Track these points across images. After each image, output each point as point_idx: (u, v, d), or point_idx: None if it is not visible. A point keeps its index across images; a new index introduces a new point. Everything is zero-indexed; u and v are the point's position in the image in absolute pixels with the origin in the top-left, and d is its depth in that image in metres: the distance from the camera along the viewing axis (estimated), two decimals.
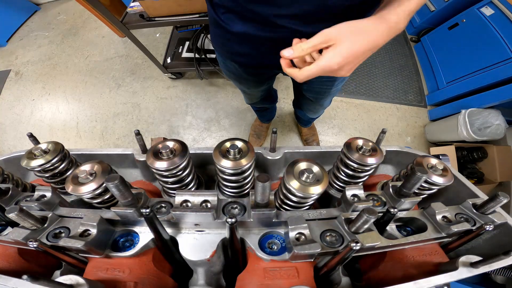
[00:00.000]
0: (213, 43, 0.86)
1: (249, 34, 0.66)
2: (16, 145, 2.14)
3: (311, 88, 0.98)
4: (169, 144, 0.46)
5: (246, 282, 0.38)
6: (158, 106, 2.22)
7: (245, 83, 1.02)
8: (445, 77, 2.00)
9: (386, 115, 2.13)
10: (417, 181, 0.39)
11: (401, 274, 0.40)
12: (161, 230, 0.38)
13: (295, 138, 2.05)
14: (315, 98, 1.07)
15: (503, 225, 0.44)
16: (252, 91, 1.14)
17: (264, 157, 0.57)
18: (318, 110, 1.31)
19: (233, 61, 0.85)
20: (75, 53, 2.60)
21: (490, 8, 1.69)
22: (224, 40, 0.76)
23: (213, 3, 0.69)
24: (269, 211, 0.38)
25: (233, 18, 0.66)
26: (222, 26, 0.69)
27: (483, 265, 0.35)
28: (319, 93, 1.00)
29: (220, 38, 0.78)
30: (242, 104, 2.17)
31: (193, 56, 2.00)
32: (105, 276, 0.36)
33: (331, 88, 0.94)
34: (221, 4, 0.65)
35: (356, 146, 0.50)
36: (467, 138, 1.67)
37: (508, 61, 1.52)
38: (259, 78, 0.97)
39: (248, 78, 0.95)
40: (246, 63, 0.83)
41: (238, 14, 0.63)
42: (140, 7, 1.58)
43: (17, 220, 0.34)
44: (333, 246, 0.37)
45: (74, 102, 2.30)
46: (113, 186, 0.33)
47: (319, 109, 1.30)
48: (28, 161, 0.46)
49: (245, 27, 0.65)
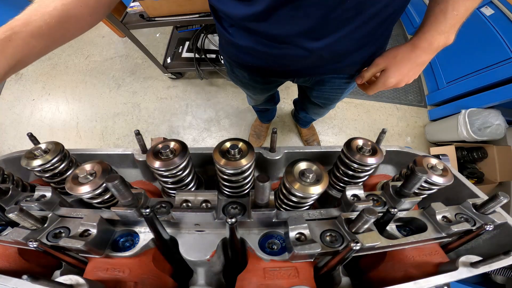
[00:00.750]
0: (220, 51, 0.85)
1: (255, 49, 0.66)
2: (16, 145, 2.14)
3: (320, 95, 0.98)
4: (169, 144, 0.46)
5: (246, 282, 0.38)
6: (158, 106, 2.22)
7: (252, 90, 1.01)
8: (445, 77, 2.00)
9: (386, 115, 2.13)
10: (417, 181, 0.39)
11: (401, 274, 0.40)
12: (161, 230, 0.38)
13: (295, 138, 2.05)
14: (324, 104, 1.07)
15: (503, 225, 0.44)
16: (258, 97, 1.14)
17: (264, 157, 0.57)
18: (324, 113, 1.32)
19: (241, 69, 0.84)
20: (75, 53, 2.60)
21: (490, 8, 1.69)
22: (232, 49, 0.75)
23: (218, 16, 0.67)
24: (269, 211, 0.38)
25: (239, 32, 0.65)
26: (229, 38, 0.68)
27: (483, 265, 0.35)
28: (328, 99, 1.00)
29: (228, 48, 0.77)
30: (242, 104, 2.17)
31: (193, 56, 2.00)
32: (105, 276, 0.36)
33: (342, 95, 0.94)
34: (226, 18, 0.64)
35: (356, 146, 0.50)
36: (467, 138, 1.67)
37: (508, 61, 1.52)
38: (267, 86, 0.97)
39: (256, 86, 0.95)
40: (255, 72, 0.83)
41: (243, 28, 0.62)
42: (140, 7, 1.58)
43: (17, 220, 0.34)
44: (333, 246, 0.37)
45: (74, 102, 2.30)
46: (113, 186, 0.33)
47: (325, 112, 1.31)
48: (28, 161, 0.46)
49: (251, 42, 0.64)
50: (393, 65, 0.63)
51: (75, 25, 0.49)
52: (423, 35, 0.58)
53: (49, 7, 0.44)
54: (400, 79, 0.65)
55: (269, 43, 0.62)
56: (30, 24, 0.42)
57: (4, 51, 0.40)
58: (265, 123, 1.95)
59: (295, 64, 0.69)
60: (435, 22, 0.55)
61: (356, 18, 0.54)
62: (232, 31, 0.66)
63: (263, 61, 0.71)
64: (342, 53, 0.65)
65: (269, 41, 0.61)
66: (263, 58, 0.69)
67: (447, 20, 0.53)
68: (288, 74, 0.81)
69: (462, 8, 0.52)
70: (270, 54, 0.65)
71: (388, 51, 0.65)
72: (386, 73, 0.65)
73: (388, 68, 0.64)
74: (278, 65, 0.71)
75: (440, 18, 0.54)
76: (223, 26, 0.68)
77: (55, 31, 0.45)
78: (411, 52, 0.61)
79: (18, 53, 0.42)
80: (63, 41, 0.49)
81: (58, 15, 0.44)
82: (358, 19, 0.54)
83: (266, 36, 0.60)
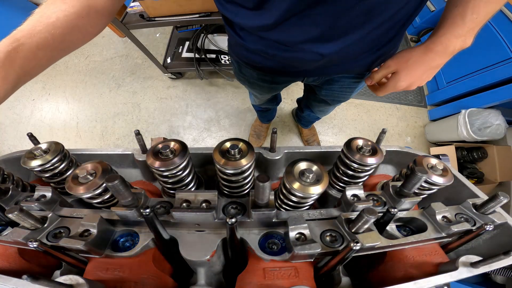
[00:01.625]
0: (229, 50, 0.85)
1: (266, 52, 0.65)
2: (16, 145, 2.14)
3: (330, 94, 0.97)
4: (169, 144, 0.46)
5: (246, 282, 0.38)
6: (158, 106, 2.22)
7: (258, 89, 1.01)
8: (445, 77, 2.00)
9: (386, 115, 2.13)
10: (417, 181, 0.39)
11: (401, 274, 0.40)
12: (161, 230, 0.38)
13: (295, 138, 2.05)
14: (332, 101, 1.06)
15: (503, 225, 0.44)
16: (263, 96, 1.14)
17: (264, 157, 0.57)
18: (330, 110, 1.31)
19: (251, 69, 0.83)
20: (75, 53, 2.60)
21: None
22: (242, 50, 0.74)
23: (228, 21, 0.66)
24: (269, 211, 0.38)
25: (250, 36, 0.64)
26: (239, 41, 0.68)
27: (483, 265, 0.35)
28: (337, 97, 0.99)
29: (237, 49, 0.76)
30: (242, 104, 2.17)
31: (193, 56, 2.00)
32: (105, 276, 0.36)
33: (351, 94, 0.94)
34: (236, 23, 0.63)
35: (356, 146, 0.50)
36: (467, 138, 1.67)
37: (508, 61, 1.52)
38: (274, 86, 0.97)
39: (263, 86, 0.94)
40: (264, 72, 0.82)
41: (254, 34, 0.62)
42: (140, 7, 1.58)
43: (17, 220, 0.34)
44: (333, 246, 0.37)
45: (74, 102, 2.30)
46: (113, 186, 0.33)
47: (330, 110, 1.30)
48: (28, 161, 0.46)
49: (262, 46, 0.64)
50: (405, 68, 0.61)
51: (78, 35, 0.49)
52: (439, 38, 0.55)
53: (52, 18, 0.44)
54: (412, 82, 0.63)
55: (280, 46, 0.61)
56: (35, 36, 0.42)
57: (13, 63, 0.40)
58: (265, 123, 1.95)
59: (306, 65, 0.69)
60: (452, 25, 0.52)
61: (365, 25, 0.53)
62: (242, 34, 0.66)
63: (274, 63, 0.71)
64: (352, 56, 0.65)
65: (279, 44, 0.61)
66: (274, 60, 0.69)
67: (465, 24, 0.51)
68: (298, 74, 0.80)
69: (483, 11, 0.49)
70: (281, 57, 0.65)
71: (400, 54, 0.63)
72: (396, 75, 0.63)
73: (399, 71, 0.62)
74: (289, 66, 0.71)
75: (458, 21, 0.51)
76: (233, 29, 0.67)
77: (60, 42, 0.45)
78: (425, 55, 0.59)
79: (26, 65, 0.42)
80: (67, 52, 0.49)
81: (61, 26, 0.44)
82: (367, 26, 0.53)
83: (276, 42, 0.60)
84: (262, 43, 0.63)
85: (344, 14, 0.49)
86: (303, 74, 0.81)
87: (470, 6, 0.49)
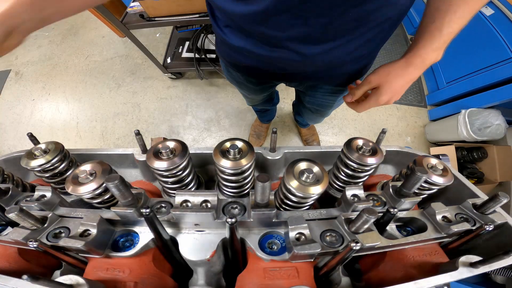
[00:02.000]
0: (217, 50, 0.86)
1: (247, 49, 0.66)
2: (16, 145, 2.14)
3: (313, 100, 0.98)
4: (169, 144, 0.46)
5: (246, 282, 0.38)
6: (158, 106, 2.22)
7: (246, 90, 1.02)
8: (445, 77, 2.00)
9: (386, 115, 2.13)
10: (417, 181, 0.39)
11: (401, 274, 0.40)
12: (161, 230, 0.38)
13: (295, 138, 2.05)
14: (316, 110, 1.07)
15: (503, 225, 0.44)
16: (253, 97, 1.15)
17: (264, 157, 0.57)
18: (318, 119, 1.32)
19: (236, 70, 0.84)
20: (75, 53, 2.60)
21: (490, 8, 1.69)
22: (227, 49, 0.76)
23: (214, 15, 0.68)
24: (269, 211, 0.38)
25: (233, 32, 0.65)
26: (223, 38, 0.69)
27: (483, 265, 0.35)
28: (321, 105, 1.00)
29: (223, 48, 0.77)
30: (242, 104, 2.17)
31: (193, 56, 2.00)
32: (105, 276, 0.36)
33: (334, 102, 0.94)
34: (221, 17, 0.64)
35: (356, 146, 0.50)
36: (467, 138, 1.67)
37: (508, 61, 1.52)
38: (261, 87, 0.97)
39: (250, 86, 0.95)
40: (248, 73, 0.83)
41: (238, 29, 0.62)
42: (140, 7, 1.58)
43: (17, 220, 0.34)
44: (333, 246, 0.37)
45: (74, 102, 2.31)
46: (113, 186, 0.33)
47: (319, 119, 1.31)
48: (28, 161, 0.46)
49: (245, 42, 0.64)
50: (386, 82, 0.62)
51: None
52: (418, 51, 0.57)
53: None
54: (392, 96, 0.63)
55: (262, 45, 0.62)
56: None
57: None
58: (265, 123, 1.95)
59: (287, 67, 0.69)
60: (430, 39, 0.55)
61: (357, 29, 0.54)
62: (226, 31, 0.66)
63: (255, 62, 0.71)
64: (335, 63, 0.65)
65: (262, 43, 0.61)
66: (255, 58, 0.69)
67: (442, 37, 0.53)
68: (279, 76, 0.81)
69: (456, 25, 0.52)
70: (262, 56, 0.65)
71: (381, 68, 0.63)
72: (379, 90, 0.63)
73: (381, 85, 0.62)
74: (270, 67, 0.71)
75: (436, 35, 0.54)
76: (218, 25, 0.68)
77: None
78: (405, 69, 0.60)
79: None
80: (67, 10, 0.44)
81: None
82: (358, 30, 0.54)
83: (260, 37, 0.60)
84: (244, 40, 0.64)
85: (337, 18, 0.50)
86: (285, 78, 0.82)
87: (446, 20, 0.52)
